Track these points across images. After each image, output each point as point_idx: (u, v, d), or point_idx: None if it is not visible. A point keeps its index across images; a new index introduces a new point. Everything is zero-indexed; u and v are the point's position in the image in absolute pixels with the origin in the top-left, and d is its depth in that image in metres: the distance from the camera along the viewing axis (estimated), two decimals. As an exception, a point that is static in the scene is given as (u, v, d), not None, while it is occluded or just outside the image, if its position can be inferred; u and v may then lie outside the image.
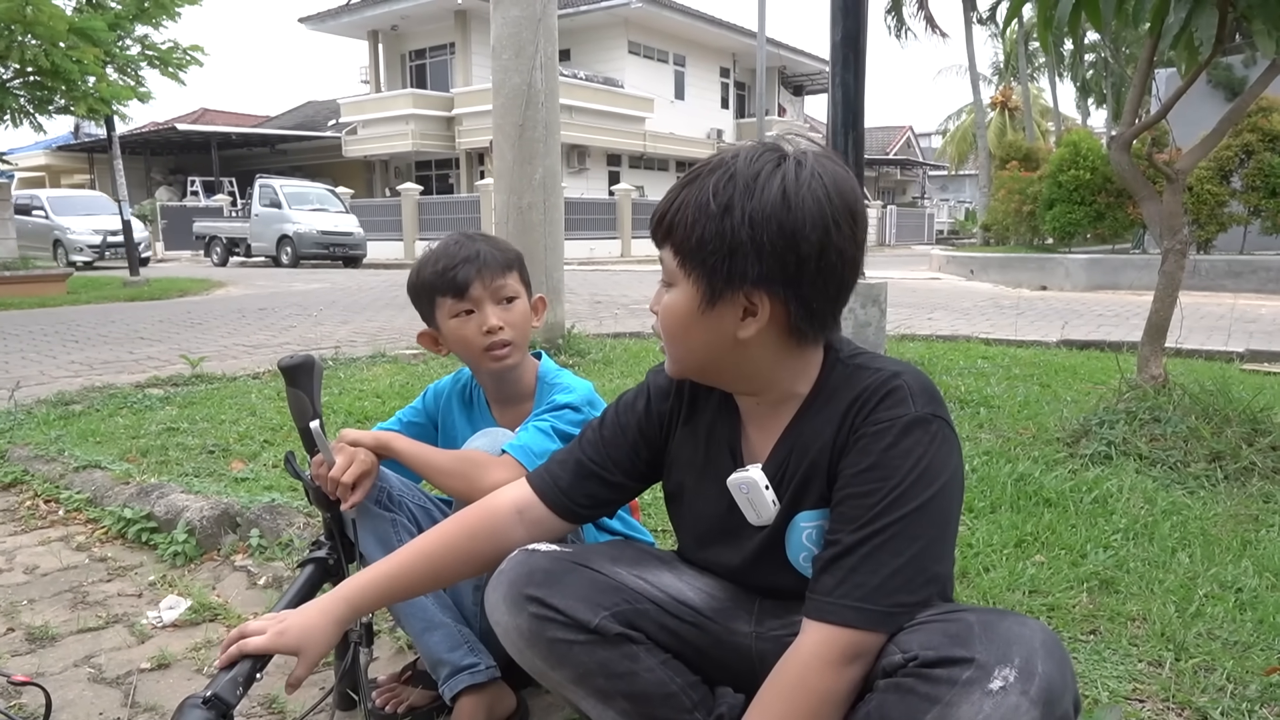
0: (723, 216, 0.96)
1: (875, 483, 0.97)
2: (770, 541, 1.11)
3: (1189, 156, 3.04)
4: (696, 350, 1.05)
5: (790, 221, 0.95)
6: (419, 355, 5.07)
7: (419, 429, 1.64)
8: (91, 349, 5.92)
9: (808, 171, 0.97)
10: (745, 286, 0.98)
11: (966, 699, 0.84)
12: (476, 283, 1.48)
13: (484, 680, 1.41)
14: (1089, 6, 2.68)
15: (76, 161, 34.65)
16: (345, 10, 28.02)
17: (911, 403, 1.00)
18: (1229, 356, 4.83)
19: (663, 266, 1.05)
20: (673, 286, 1.04)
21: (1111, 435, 2.74)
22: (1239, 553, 1.98)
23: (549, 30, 4.61)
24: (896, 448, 0.97)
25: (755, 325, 1.01)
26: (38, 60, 9.85)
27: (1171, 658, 1.54)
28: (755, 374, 1.07)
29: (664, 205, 1.03)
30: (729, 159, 1.00)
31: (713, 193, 0.97)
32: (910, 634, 0.92)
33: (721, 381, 1.12)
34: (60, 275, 11.77)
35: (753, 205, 0.96)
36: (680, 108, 30.07)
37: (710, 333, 1.02)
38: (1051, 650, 0.86)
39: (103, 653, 1.81)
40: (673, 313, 1.04)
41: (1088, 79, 29.51)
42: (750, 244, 0.96)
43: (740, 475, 1.10)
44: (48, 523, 2.61)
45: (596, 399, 1.53)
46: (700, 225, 0.98)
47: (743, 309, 1.00)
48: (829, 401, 1.06)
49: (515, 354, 1.51)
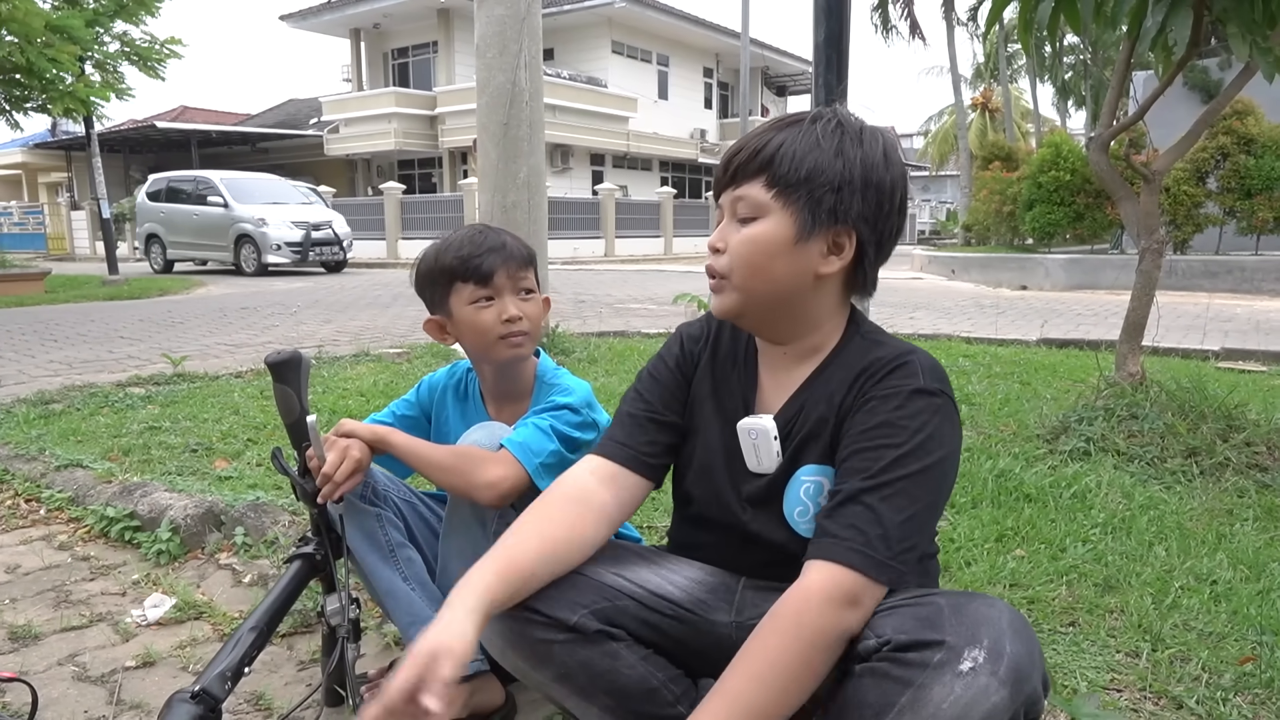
0: (835, 156, 1.05)
1: (883, 439, 1.02)
2: (768, 492, 1.14)
3: (1165, 157, 3.08)
4: (778, 281, 1.09)
5: (890, 175, 1.07)
6: (403, 354, 5.06)
7: (412, 421, 1.64)
8: (71, 348, 5.86)
9: (894, 142, 1.10)
10: (843, 223, 1.07)
11: (938, 681, 0.86)
12: (501, 271, 1.49)
13: (470, 673, 1.41)
14: (1068, 9, 2.72)
15: (54, 159, 34.23)
16: (327, 8, 27.82)
17: (921, 377, 1.06)
18: (1204, 355, 4.90)
19: (744, 203, 1.09)
20: (757, 220, 1.08)
21: (1090, 432, 2.78)
22: (1214, 546, 2.02)
23: (533, 29, 4.61)
24: (904, 410, 1.03)
25: (838, 263, 1.08)
26: (13, 57, 9.73)
27: (1148, 648, 1.57)
28: (808, 316, 1.13)
29: (756, 144, 1.09)
30: (827, 115, 1.09)
31: (822, 134, 1.06)
32: (883, 618, 0.95)
33: (773, 319, 1.14)
34: (38, 274, 11.63)
35: (863, 152, 1.06)
36: (664, 107, 30.08)
37: (795, 265, 1.08)
38: (1019, 631, 0.89)
39: (87, 651, 1.80)
40: (760, 242, 1.08)
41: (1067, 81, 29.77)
42: (860, 183, 1.05)
43: (752, 421, 1.15)
44: (29, 522, 2.59)
45: (595, 401, 1.53)
46: (813, 159, 1.05)
47: (829, 245, 1.08)
48: (842, 366, 1.12)
49: (529, 345, 1.53)
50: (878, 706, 0.90)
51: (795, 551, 1.05)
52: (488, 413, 1.61)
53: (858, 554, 0.96)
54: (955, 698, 0.85)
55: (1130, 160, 3.05)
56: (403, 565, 1.46)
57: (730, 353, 1.23)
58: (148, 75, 11.74)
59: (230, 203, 15.36)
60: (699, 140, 31.30)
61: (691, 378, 1.24)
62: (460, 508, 1.42)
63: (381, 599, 1.47)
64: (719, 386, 1.22)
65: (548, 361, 1.62)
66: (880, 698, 0.90)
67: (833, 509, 1.01)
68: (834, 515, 1.00)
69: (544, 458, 1.39)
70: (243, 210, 15.24)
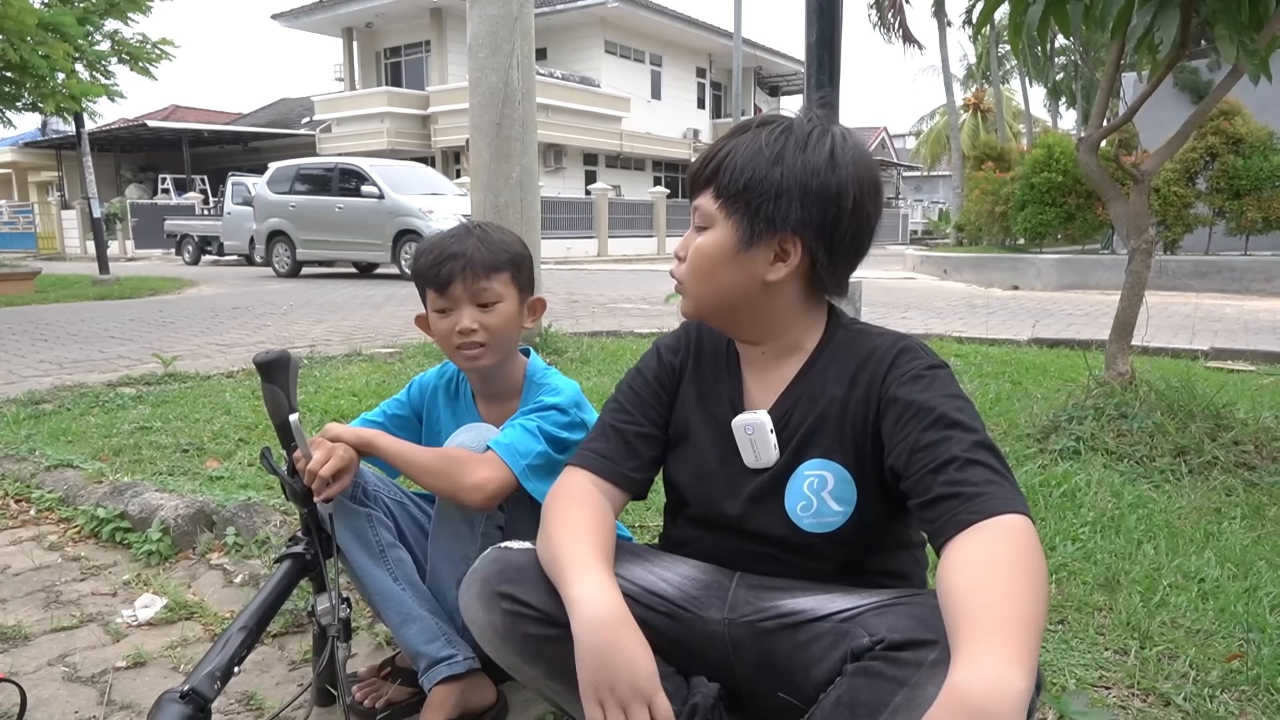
0: (774, 164, 1.06)
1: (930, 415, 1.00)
2: (769, 488, 1.15)
3: (1154, 158, 3.10)
4: (724, 288, 1.11)
5: (835, 179, 1.06)
6: (395, 354, 5.05)
7: (403, 421, 1.64)
8: (61, 348, 5.83)
9: (851, 142, 1.09)
10: (783, 231, 1.07)
11: (932, 680, 0.86)
12: (457, 282, 1.46)
13: (462, 671, 1.41)
14: (1058, 12, 2.73)
15: (44, 158, 34.10)
16: (319, 7, 27.75)
17: (925, 354, 1.08)
18: (1194, 354, 4.93)
19: (698, 213, 1.12)
20: (708, 229, 1.11)
21: (1080, 431, 2.80)
22: (1202, 544, 2.03)
23: (526, 29, 4.61)
24: (934, 384, 1.04)
25: (784, 269, 1.09)
26: (5, 55, 9.67)
27: (1137, 646, 1.58)
28: (769, 320, 1.14)
29: (709, 153, 1.12)
30: (779, 120, 1.10)
31: (765, 143, 1.07)
32: (877, 617, 0.95)
33: (734, 323, 1.17)
34: (28, 274, 11.56)
35: (803, 158, 1.06)
36: (657, 107, 30.09)
37: (741, 273, 1.10)
38: None
39: (77, 651, 1.79)
40: (707, 251, 1.11)
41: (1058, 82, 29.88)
42: (797, 191, 1.05)
43: (747, 416, 1.16)
44: (19, 522, 2.58)
45: (584, 400, 1.53)
46: (751, 169, 1.07)
47: (774, 253, 1.09)
48: (835, 359, 1.13)
49: (487, 356, 1.49)
50: (871, 705, 0.90)
51: (794, 546, 1.05)
52: (478, 411, 1.61)
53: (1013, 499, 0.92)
54: None
55: (1120, 161, 3.07)
56: (393, 565, 1.46)
57: (712, 356, 1.24)
58: (139, 75, 11.68)
59: (387, 193, 12.68)
60: (692, 140, 31.32)
61: (672, 390, 1.25)
62: (448, 510, 1.42)
63: (373, 599, 1.47)
64: (705, 392, 1.23)
65: (537, 361, 1.61)
66: (874, 697, 0.90)
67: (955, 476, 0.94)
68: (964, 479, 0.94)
69: (531, 459, 1.39)
70: (403, 201, 12.52)
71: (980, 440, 0.98)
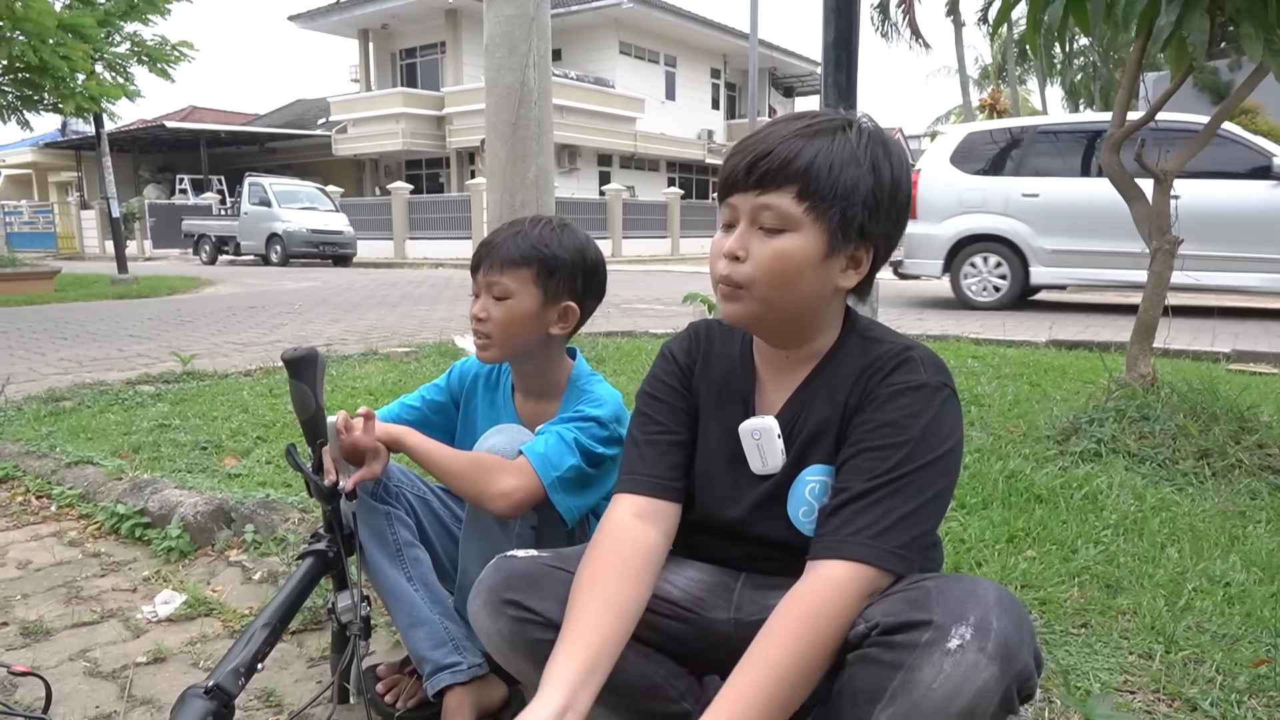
0: (870, 173, 1.03)
1: (889, 438, 1.01)
2: (773, 493, 1.14)
3: (1177, 158, 3.07)
4: (803, 295, 1.06)
5: (903, 193, 1.06)
6: (410, 353, 5.07)
7: (440, 407, 1.64)
8: (81, 346, 5.88)
9: (900, 149, 1.07)
10: (865, 238, 1.05)
11: (927, 660, 0.86)
12: (481, 269, 1.49)
13: (465, 680, 1.41)
14: (1077, 11, 2.71)
15: (64, 159, 34.45)
16: (335, 9, 27.90)
17: (923, 371, 1.06)
18: (1215, 357, 4.87)
19: (771, 213, 1.03)
20: (786, 232, 1.03)
21: (1101, 433, 2.77)
22: (1227, 548, 2.00)
23: (542, 29, 4.62)
24: (910, 408, 1.03)
25: (856, 277, 1.08)
26: (26, 57, 9.78)
27: (1161, 650, 1.56)
28: (819, 324, 1.12)
29: (786, 150, 1.02)
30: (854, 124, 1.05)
31: (858, 147, 1.03)
32: (874, 605, 0.95)
33: (784, 330, 1.12)
34: (48, 273, 11.69)
35: (891, 170, 1.04)
36: (671, 108, 30.08)
37: (821, 281, 1.06)
38: (1007, 607, 0.89)
39: (98, 647, 1.80)
40: (789, 258, 1.03)
41: (1076, 82, 29.68)
42: (887, 202, 1.04)
43: (755, 421, 1.14)
44: (40, 518, 2.60)
45: (625, 414, 1.48)
46: (849, 176, 1.02)
47: (849, 260, 1.06)
48: (843, 364, 1.11)
49: (491, 350, 1.49)
50: (870, 693, 0.90)
51: (798, 550, 1.05)
52: (515, 405, 1.59)
53: (872, 549, 0.96)
54: (945, 676, 0.85)
55: (1142, 160, 3.04)
56: (409, 565, 1.45)
57: (723, 357, 1.21)
58: (158, 76, 11.78)
59: None
60: (706, 141, 31.30)
61: (691, 389, 1.23)
62: (480, 511, 1.40)
63: (385, 599, 1.47)
64: (717, 393, 1.20)
65: (584, 365, 1.58)
66: (872, 683, 0.90)
67: (840, 505, 1.01)
68: (842, 512, 1.00)
69: (563, 472, 1.37)
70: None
71: (897, 477, 0.99)
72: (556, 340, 1.53)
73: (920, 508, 0.99)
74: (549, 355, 1.54)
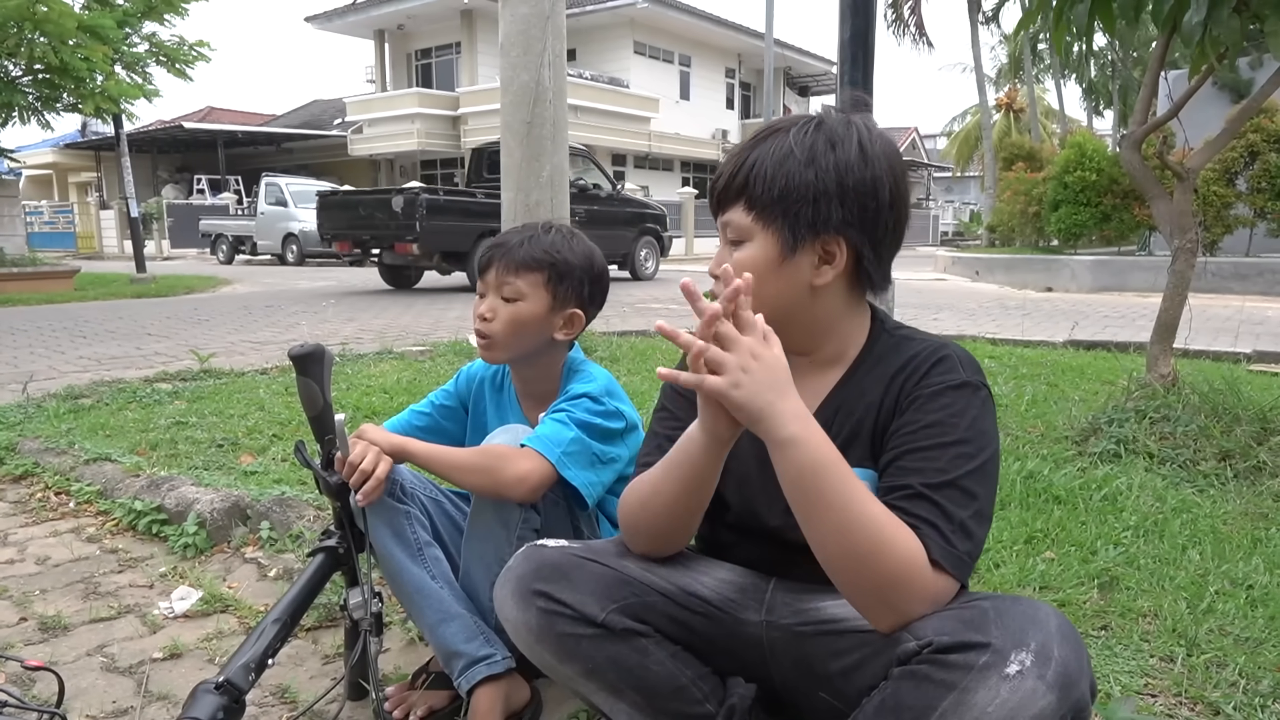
0: (807, 166, 1.03)
1: (938, 437, 1.00)
2: None
3: (1199, 155, 3.03)
4: (771, 302, 1.05)
5: (869, 172, 1.04)
6: (425, 352, 5.08)
7: (449, 412, 1.65)
8: (100, 344, 5.93)
9: (875, 132, 1.07)
10: (826, 233, 1.05)
11: (983, 684, 0.84)
12: (491, 269, 1.51)
13: (501, 671, 1.40)
14: (1103, 10, 2.68)
15: (83, 159, 34.77)
16: (351, 9, 28.06)
17: (962, 370, 1.05)
18: (1236, 357, 4.81)
19: (730, 228, 1.09)
20: (745, 243, 1.07)
21: (1121, 434, 2.74)
22: (1249, 550, 1.98)
23: (557, 28, 4.62)
24: (952, 407, 1.02)
25: (832, 272, 1.07)
26: (46, 58, 9.88)
27: (1183, 653, 1.54)
28: (818, 326, 1.11)
29: (733, 166, 1.08)
30: (796, 122, 1.07)
31: (794, 145, 1.04)
32: (924, 621, 0.92)
33: (785, 335, 1.10)
34: (68, 272, 11.80)
35: (835, 157, 1.03)
36: (685, 108, 30.07)
37: (787, 283, 1.07)
38: (1067, 635, 0.87)
39: (115, 642, 1.81)
40: (748, 266, 1.04)
41: (1094, 81, 29.45)
42: (835, 190, 1.03)
43: None
44: (59, 514, 2.62)
45: (616, 389, 1.51)
46: (783, 175, 1.04)
47: (819, 257, 1.06)
48: (876, 366, 1.10)
49: (493, 351, 1.51)
50: (918, 710, 0.88)
51: None
52: (520, 405, 1.60)
53: (939, 547, 0.94)
54: (1001, 701, 0.82)
55: (1164, 158, 3.00)
56: (430, 564, 1.45)
57: None
58: (176, 77, 11.88)
59: None
60: (720, 141, 31.26)
61: None
62: (483, 512, 1.40)
63: (410, 597, 1.45)
64: None
65: (578, 354, 1.60)
66: (921, 700, 0.88)
67: (898, 503, 0.98)
68: (903, 509, 0.97)
69: (565, 446, 1.38)
70: None
71: (952, 479, 0.97)
72: (560, 346, 1.55)
73: (977, 513, 0.97)
74: (551, 360, 1.56)
